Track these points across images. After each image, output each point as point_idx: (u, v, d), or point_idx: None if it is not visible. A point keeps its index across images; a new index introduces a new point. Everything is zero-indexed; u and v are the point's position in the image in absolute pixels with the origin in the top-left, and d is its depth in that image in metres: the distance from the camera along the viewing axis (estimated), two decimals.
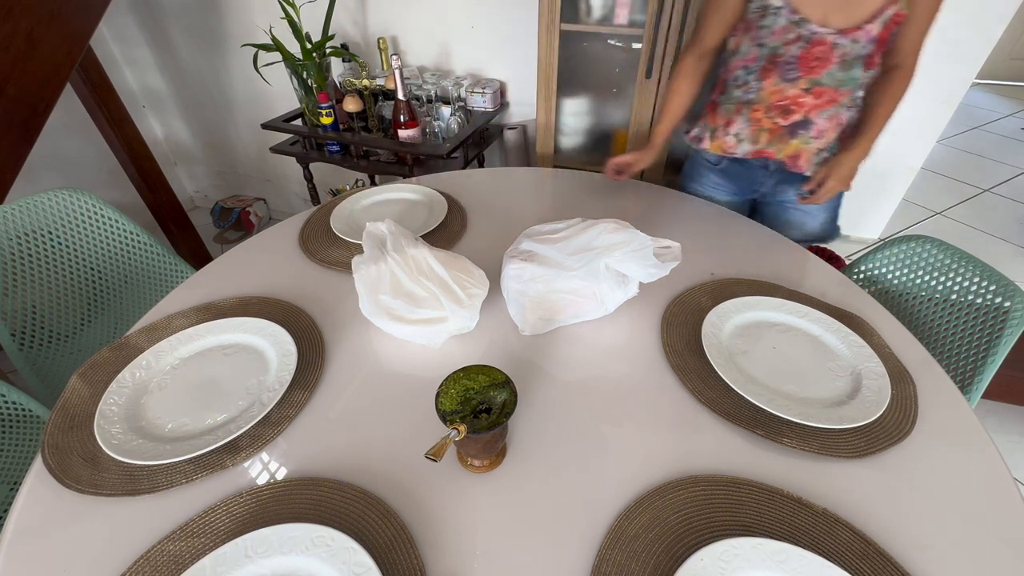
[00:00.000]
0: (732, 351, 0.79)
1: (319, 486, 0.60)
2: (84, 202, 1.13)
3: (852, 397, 0.71)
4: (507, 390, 0.59)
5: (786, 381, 0.74)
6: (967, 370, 0.93)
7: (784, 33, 0.92)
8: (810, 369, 0.76)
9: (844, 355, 0.78)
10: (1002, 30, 1.58)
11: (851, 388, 0.73)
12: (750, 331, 0.82)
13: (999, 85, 3.99)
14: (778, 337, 0.81)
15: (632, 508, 0.58)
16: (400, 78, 1.53)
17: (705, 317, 0.83)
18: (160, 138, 2.66)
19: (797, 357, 0.78)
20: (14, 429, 0.86)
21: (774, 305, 0.86)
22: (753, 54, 0.98)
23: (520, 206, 1.23)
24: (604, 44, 1.53)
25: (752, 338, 0.81)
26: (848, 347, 0.78)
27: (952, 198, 2.66)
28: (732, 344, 0.80)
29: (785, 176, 1.13)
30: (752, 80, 1.00)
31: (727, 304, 0.85)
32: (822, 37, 0.90)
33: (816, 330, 0.82)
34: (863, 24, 0.88)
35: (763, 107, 1.02)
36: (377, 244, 0.83)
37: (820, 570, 0.51)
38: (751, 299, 0.87)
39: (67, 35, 1.39)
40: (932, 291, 1.03)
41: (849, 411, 0.68)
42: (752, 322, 0.84)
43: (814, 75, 0.94)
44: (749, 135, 1.08)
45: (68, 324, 1.10)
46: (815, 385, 0.73)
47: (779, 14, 0.91)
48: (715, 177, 1.22)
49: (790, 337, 0.82)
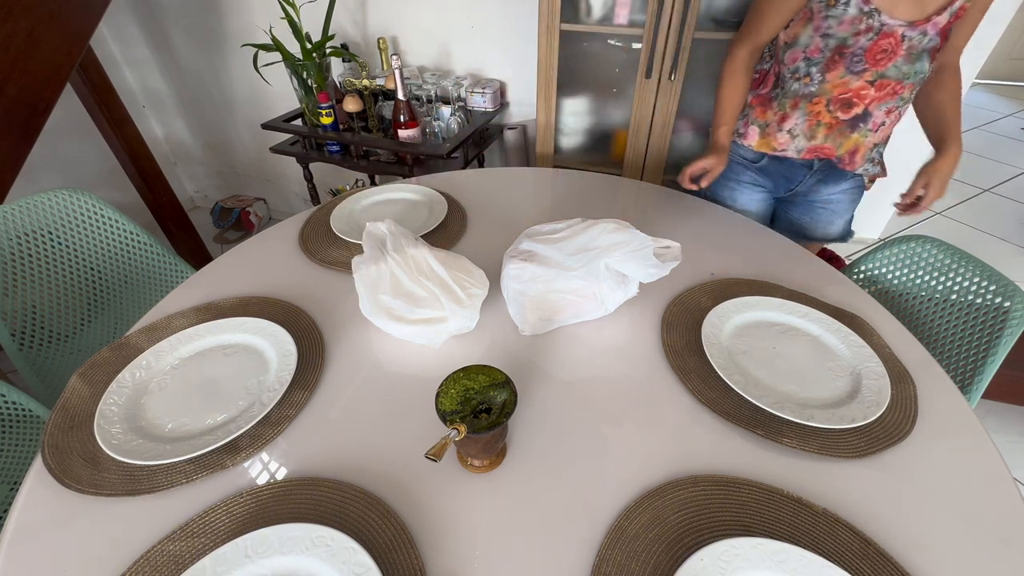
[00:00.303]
0: (732, 351, 0.79)
1: (319, 486, 0.60)
2: (84, 202, 1.13)
3: (852, 397, 0.71)
4: (507, 390, 0.59)
5: (786, 381, 0.74)
6: (967, 370, 0.93)
7: (854, 24, 0.89)
8: (810, 369, 0.76)
9: (844, 355, 0.78)
10: (1002, 30, 1.58)
11: (851, 388, 0.73)
12: (750, 331, 0.83)
13: (999, 85, 3.99)
14: (778, 337, 0.82)
15: (632, 508, 0.58)
16: (400, 78, 1.53)
17: (705, 317, 0.83)
18: (160, 138, 2.67)
19: (797, 357, 0.78)
20: (14, 429, 0.86)
21: (774, 305, 0.86)
22: (817, 45, 0.94)
23: (520, 206, 1.23)
24: (604, 44, 1.53)
25: (752, 338, 0.81)
26: (848, 347, 0.78)
27: (952, 198, 2.66)
28: (732, 344, 0.80)
29: (827, 175, 1.11)
30: (815, 72, 0.97)
31: (727, 304, 0.85)
32: (892, 29, 0.88)
33: (816, 330, 0.82)
34: (932, 16, 0.87)
35: (824, 100, 0.99)
36: (377, 244, 0.83)
37: (820, 570, 0.51)
38: (751, 299, 0.87)
39: (67, 35, 1.39)
40: (932, 291, 1.03)
41: (849, 411, 0.68)
42: (752, 322, 0.84)
43: (880, 67, 0.92)
44: (805, 130, 1.04)
45: (68, 324, 1.10)
46: (815, 385, 0.73)
47: (849, 4, 0.88)
48: (751, 175, 1.18)
49: (790, 337, 0.82)
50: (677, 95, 1.44)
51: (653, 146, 1.56)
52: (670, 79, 1.41)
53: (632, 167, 1.63)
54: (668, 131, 1.52)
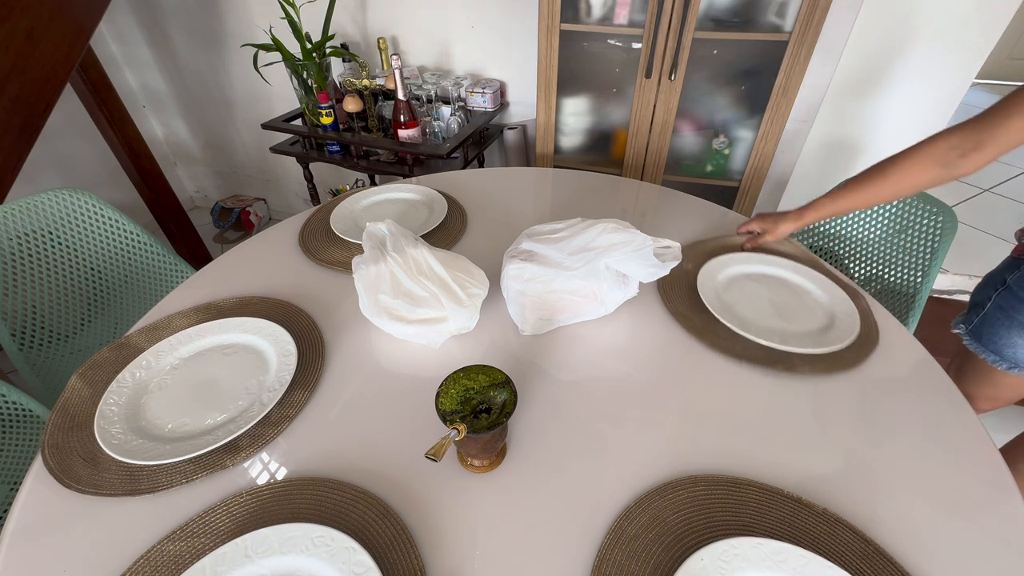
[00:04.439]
0: (727, 302, 0.89)
1: (319, 486, 0.60)
2: (84, 202, 1.13)
3: (831, 326, 0.84)
4: (507, 390, 0.59)
5: (777, 320, 0.86)
6: (916, 275, 1.12)
7: None
8: (791, 306, 0.89)
9: (814, 291, 0.92)
10: (1002, 30, 1.58)
11: (828, 320, 0.86)
12: (736, 283, 0.94)
13: (999, 85, 3.99)
14: (756, 285, 0.94)
15: (632, 508, 0.58)
16: (400, 78, 1.53)
17: (696, 280, 0.92)
18: (160, 138, 2.67)
19: (779, 299, 0.91)
20: (14, 429, 0.86)
21: (749, 259, 0.99)
22: None
23: (520, 206, 1.23)
24: (604, 44, 1.53)
25: (738, 290, 0.93)
26: (816, 284, 0.92)
27: (952, 198, 2.65)
28: (725, 297, 0.91)
29: None
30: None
31: (711, 263, 0.96)
32: None
33: (785, 273, 0.95)
34: None
35: None
36: (377, 244, 0.83)
37: (820, 570, 0.51)
38: (727, 257, 0.98)
39: (67, 35, 1.39)
40: (883, 219, 1.21)
41: (836, 333, 0.82)
42: (735, 275, 0.96)
43: None
44: None
45: (68, 324, 1.10)
46: (800, 319, 0.87)
47: None
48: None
49: (768, 284, 0.95)
50: (677, 95, 1.44)
51: (653, 146, 1.56)
52: (670, 79, 1.41)
53: (632, 167, 1.63)
54: (668, 131, 1.52)
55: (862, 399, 0.72)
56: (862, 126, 1.67)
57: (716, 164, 1.63)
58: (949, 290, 2.05)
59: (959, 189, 2.73)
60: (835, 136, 1.71)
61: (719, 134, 1.59)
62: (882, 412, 0.71)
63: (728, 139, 1.58)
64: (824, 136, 1.72)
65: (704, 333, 0.83)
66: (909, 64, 1.54)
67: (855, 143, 1.71)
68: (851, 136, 1.71)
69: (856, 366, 0.77)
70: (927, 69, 1.54)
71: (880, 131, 1.66)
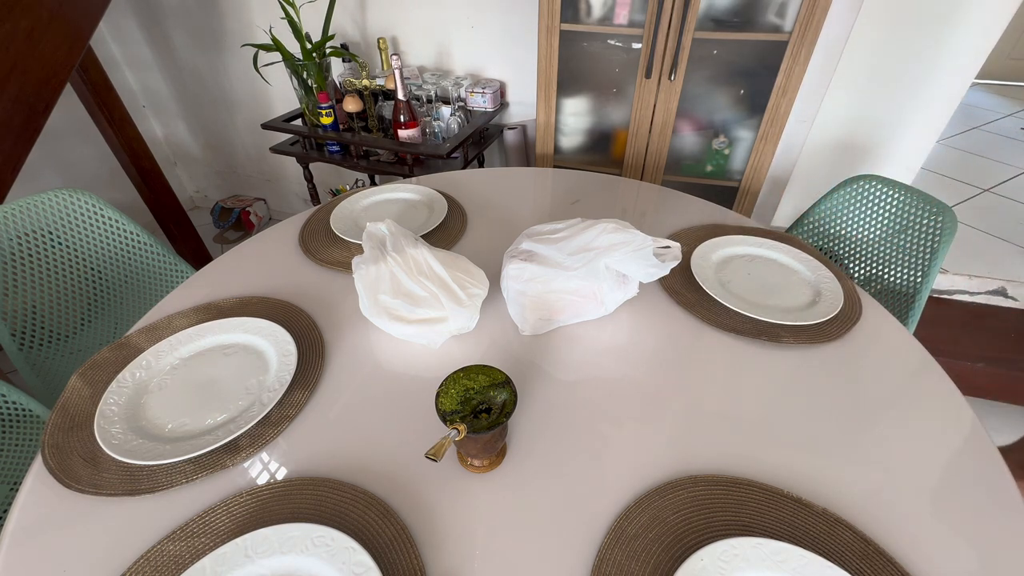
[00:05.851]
0: (720, 280, 0.94)
1: (319, 486, 0.60)
2: (84, 202, 1.13)
3: (817, 300, 0.90)
4: (507, 390, 0.59)
5: (767, 297, 0.91)
6: (917, 273, 1.12)
7: None
8: (782, 284, 0.95)
9: (800, 269, 0.98)
10: (1002, 30, 1.58)
11: (813, 295, 0.92)
12: (728, 264, 1.00)
13: (999, 85, 3.99)
14: (748, 265, 1.00)
15: (632, 508, 0.58)
16: (400, 78, 1.53)
17: (690, 260, 0.97)
18: (160, 138, 2.67)
19: (768, 277, 0.97)
20: (14, 429, 0.86)
21: (737, 241, 1.04)
22: None
23: (520, 206, 1.23)
24: (604, 44, 1.53)
25: (730, 270, 0.98)
26: (800, 262, 0.98)
27: (952, 198, 2.65)
28: (718, 276, 0.95)
29: None
30: None
31: (707, 245, 1.01)
32: None
33: (773, 254, 1.01)
34: None
35: None
36: (377, 244, 0.83)
37: (820, 570, 0.51)
38: (718, 239, 1.03)
39: (67, 35, 1.39)
40: (880, 217, 1.21)
41: (822, 307, 0.87)
42: (726, 257, 1.02)
43: None
44: None
45: (68, 324, 1.10)
46: (788, 295, 0.92)
47: None
48: None
49: (758, 263, 1.00)
50: (677, 95, 1.44)
51: (653, 146, 1.56)
52: (670, 79, 1.41)
53: (632, 167, 1.63)
54: (668, 131, 1.52)
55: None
56: (862, 126, 1.68)
57: (716, 164, 1.63)
58: (949, 290, 2.05)
59: (959, 189, 2.73)
60: (835, 136, 1.71)
61: (719, 134, 1.59)
62: (882, 412, 0.71)
63: (728, 139, 1.58)
64: (824, 136, 1.72)
65: (696, 307, 0.88)
66: (909, 64, 1.54)
67: (855, 143, 1.72)
68: (851, 136, 1.71)
69: (839, 338, 0.83)
70: (927, 69, 1.54)
71: (880, 131, 1.67)
